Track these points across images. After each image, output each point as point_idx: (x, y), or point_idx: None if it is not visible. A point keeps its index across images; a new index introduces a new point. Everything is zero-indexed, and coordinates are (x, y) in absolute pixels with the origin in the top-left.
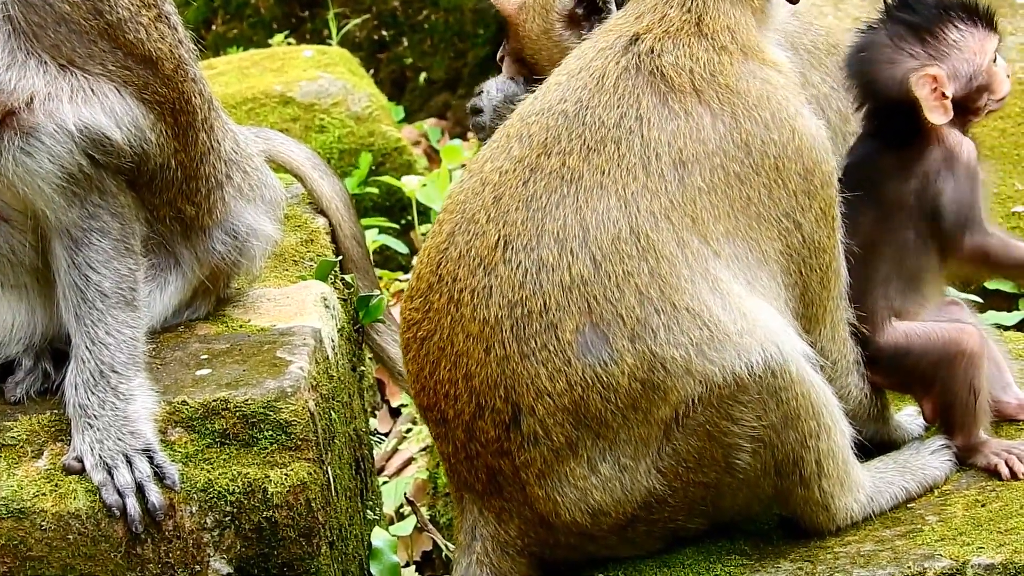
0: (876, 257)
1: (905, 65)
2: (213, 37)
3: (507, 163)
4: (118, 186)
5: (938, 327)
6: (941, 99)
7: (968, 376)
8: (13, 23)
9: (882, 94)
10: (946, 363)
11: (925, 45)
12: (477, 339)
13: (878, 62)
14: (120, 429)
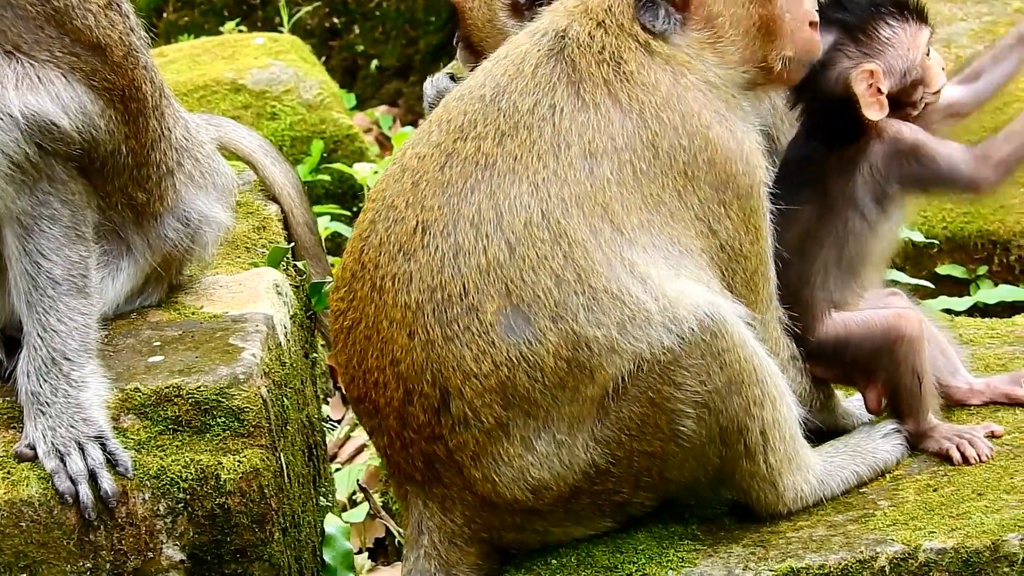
0: (815, 249)
1: (842, 64)
2: (164, 25)
3: (426, 148)
4: (68, 173)
5: (876, 314)
6: (877, 95)
7: (910, 361)
8: None
9: (821, 93)
10: (886, 350)
11: (859, 44)
12: (400, 325)
13: (818, 64)
14: (72, 416)
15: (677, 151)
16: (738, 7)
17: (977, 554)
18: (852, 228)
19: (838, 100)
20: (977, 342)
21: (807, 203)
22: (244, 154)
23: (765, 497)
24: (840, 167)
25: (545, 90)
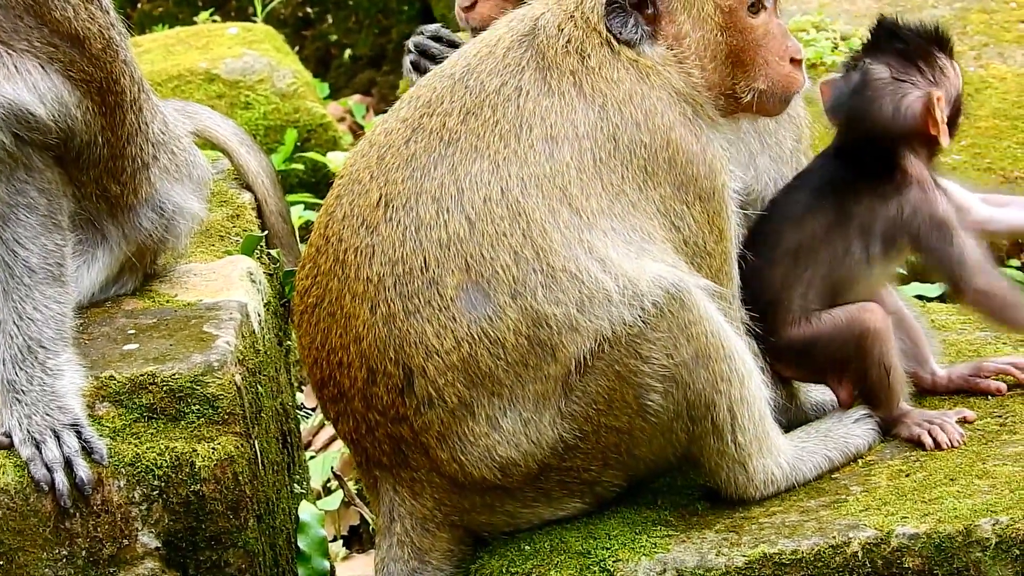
0: (809, 260)
1: (913, 93)
2: (139, 15)
3: (393, 123)
4: (44, 162)
5: (840, 310)
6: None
7: (876, 353)
8: None
9: (875, 124)
10: (853, 343)
11: (923, 73)
12: (362, 299)
13: (880, 95)
14: (48, 404)
15: (637, 146)
16: (707, 32)
17: (949, 539)
18: (852, 256)
19: (890, 131)
20: (949, 328)
21: (818, 215)
22: (219, 142)
23: (735, 479)
24: (866, 197)
25: (513, 72)
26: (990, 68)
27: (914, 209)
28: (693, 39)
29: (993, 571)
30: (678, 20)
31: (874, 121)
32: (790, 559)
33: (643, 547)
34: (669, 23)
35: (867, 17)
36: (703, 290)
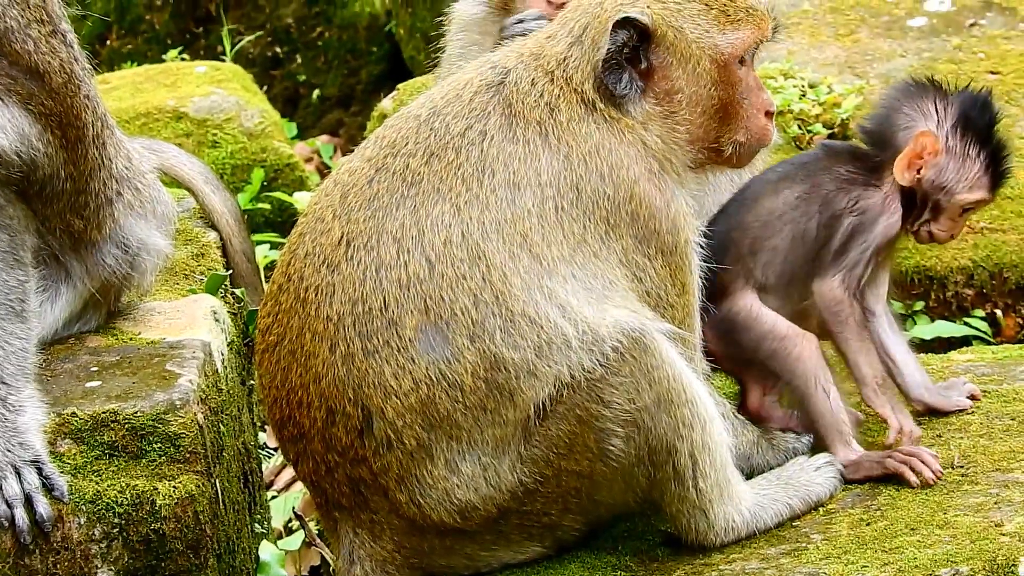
0: (773, 229)
1: (919, 128)
2: (108, 52)
3: (358, 162)
4: (6, 197)
5: (784, 322)
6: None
7: (808, 378)
8: None
9: (879, 128)
10: (777, 356)
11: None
12: (323, 337)
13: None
14: (9, 440)
15: (601, 198)
16: (700, 87)
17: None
18: (809, 233)
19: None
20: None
21: (794, 184)
22: (185, 181)
23: (696, 526)
24: (840, 181)
25: (478, 117)
26: None
27: (865, 207)
28: (685, 94)
29: None
30: (672, 75)
31: (883, 124)
32: None
33: None
34: (662, 78)
35: (834, 65)
36: (665, 335)
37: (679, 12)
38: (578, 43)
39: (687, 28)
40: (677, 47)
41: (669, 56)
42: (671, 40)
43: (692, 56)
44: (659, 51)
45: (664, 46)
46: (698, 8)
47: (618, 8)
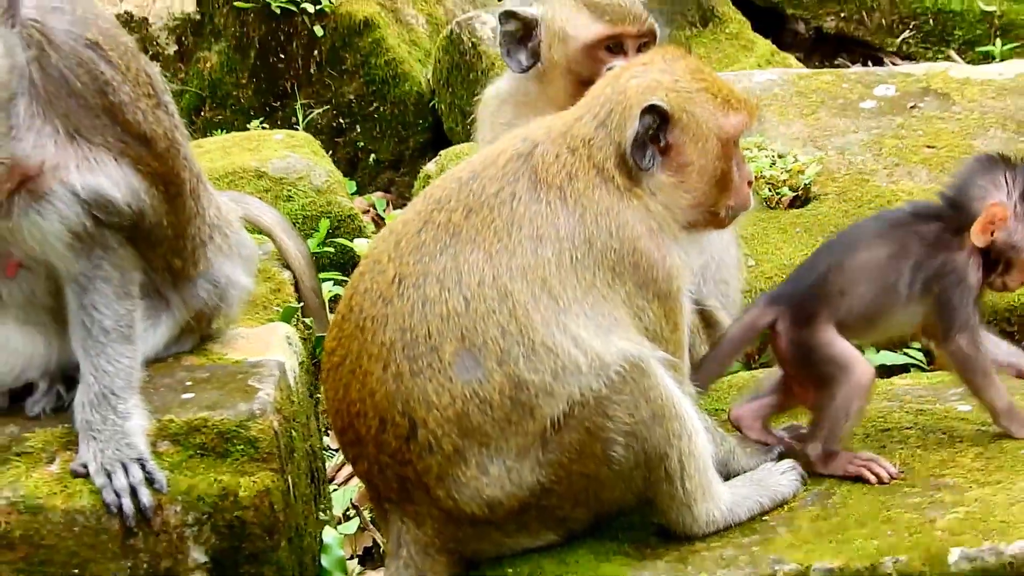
0: (863, 278)
1: (993, 197)
2: (202, 121)
3: (410, 214)
4: (118, 241)
5: (853, 352)
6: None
7: (848, 400)
8: (34, 88)
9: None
10: (839, 377)
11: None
12: (377, 359)
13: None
14: (118, 441)
15: (608, 251)
16: (707, 161)
17: (858, 574)
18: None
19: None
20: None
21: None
22: (265, 228)
23: (683, 519)
24: (928, 244)
25: (509, 180)
26: (900, 184)
27: (955, 268)
28: (695, 167)
29: None
30: (685, 151)
31: (961, 192)
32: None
33: (605, 573)
34: (677, 154)
35: (799, 139)
36: (660, 362)
37: (691, 99)
38: (603, 126)
39: (698, 113)
40: (690, 128)
41: (684, 136)
42: (685, 122)
43: (703, 136)
44: (675, 131)
45: (680, 127)
46: (706, 96)
47: (641, 96)
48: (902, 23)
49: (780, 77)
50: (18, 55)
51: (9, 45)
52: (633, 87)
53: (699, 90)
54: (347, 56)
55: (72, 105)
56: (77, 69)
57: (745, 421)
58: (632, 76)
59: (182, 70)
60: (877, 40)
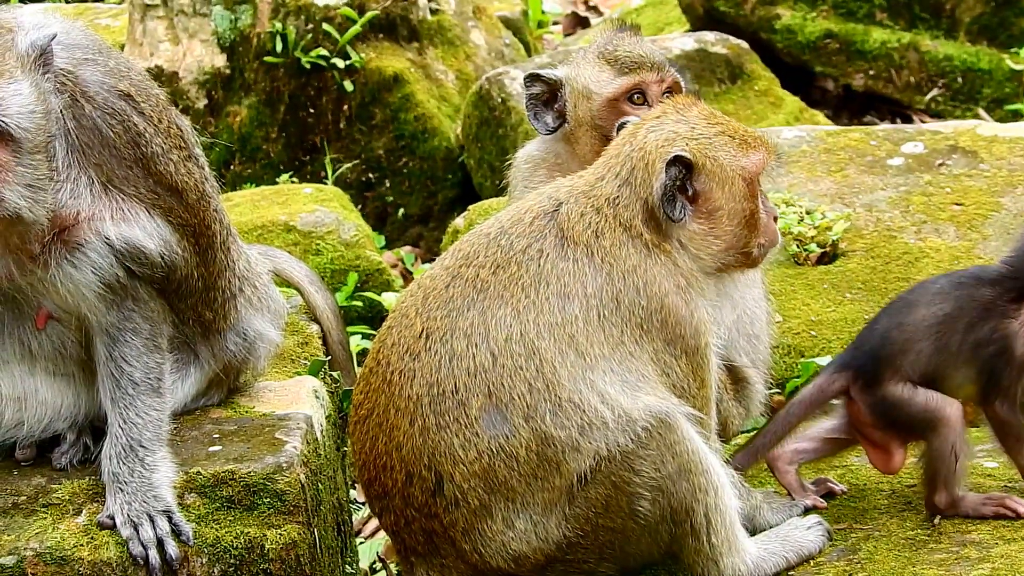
0: (922, 336)
1: None
2: (232, 175)
3: (438, 270)
4: (149, 294)
5: (932, 394)
6: None
7: (949, 441)
8: (68, 137)
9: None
10: (931, 423)
11: None
12: (404, 413)
13: None
14: (145, 493)
15: (636, 308)
16: (736, 202)
17: None
18: (950, 347)
19: None
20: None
21: (945, 303)
22: (293, 282)
23: (709, 573)
24: (985, 307)
25: (536, 237)
26: (927, 241)
27: (1004, 336)
28: (725, 211)
29: None
30: (714, 196)
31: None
32: None
33: None
34: (705, 201)
35: (827, 196)
36: (686, 417)
37: (711, 144)
38: (627, 184)
39: (720, 156)
40: (715, 173)
41: (710, 181)
42: (709, 168)
43: (728, 178)
44: (701, 178)
45: (705, 174)
46: (724, 140)
47: (663, 149)
48: (930, 81)
49: (808, 134)
50: (51, 102)
51: (42, 91)
52: (652, 141)
53: (717, 135)
54: (376, 111)
55: (105, 155)
56: (110, 120)
57: (781, 464)
58: (649, 130)
59: (212, 124)
60: (905, 98)
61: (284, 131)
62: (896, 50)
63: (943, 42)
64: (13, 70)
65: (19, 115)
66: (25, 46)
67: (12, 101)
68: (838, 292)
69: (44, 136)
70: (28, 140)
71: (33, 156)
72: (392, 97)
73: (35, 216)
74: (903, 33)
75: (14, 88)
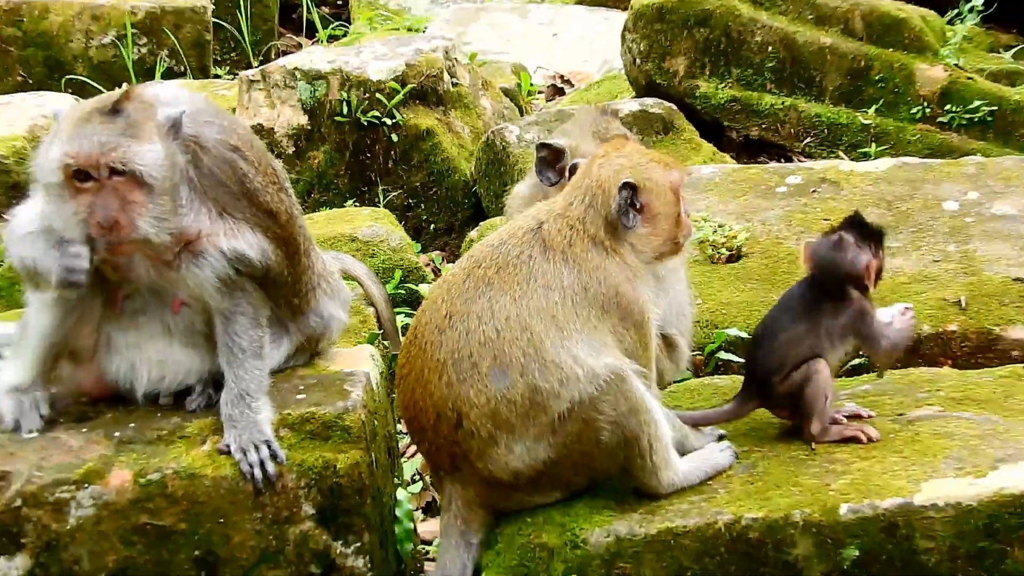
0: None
1: (865, 256)
2: (312, 202)
3: (458, 269)
4: (252, 286)
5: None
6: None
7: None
8: (191, 183)
9: (839, 269)
10: (808, 379)
11: (870, 247)
12: (434, 371)
13: (848, 253)
14: (251, 429)
15: (598, 295)
16: (668, 207)
17: (775, 522)
18: (822, 347)
19: (849, 277)
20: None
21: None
22: (356, 277)
23: (651, 484)
24: (829, 314)
25: (526, 246)
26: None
27: (854, 319)
28: (662, 215)
29: (801, 542)
30: (653, 206)
31: (841, 267)
32: (682, 531)
33: (597, 521)
34: (648, 210)
35: (733, 214)
36: (635, 372)
37: (646, 169)
38: (591, 207)
39: (654, 176)
40: (652, 189)
41: (650, 195)
42: (648, 186)
43: (662, 192)
44: (644, 194)
45: (645, 191)
46: (654, 165)
47: (615, 178)
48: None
49: (720, 171)
50: (178, 159)
51: (170, 152)
52: (604, 173)
53: (648, 162)
54: (414, 155)
55: (220, 192)
56: (223, 166)
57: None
58: (600, 166)
59: (298, 165)
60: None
61: (349, 170)
62: (781, 110)
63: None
64: (152, 134)
65: (152, 166)
66: (163, 117)
67: (148, 156)
68: (741, 283)
69: (170, 183)
70: (158, 185)
71: (161, 196)
72: (425, 145)
73: (161, 239)
74: (786, 98)
75: (150, 147)
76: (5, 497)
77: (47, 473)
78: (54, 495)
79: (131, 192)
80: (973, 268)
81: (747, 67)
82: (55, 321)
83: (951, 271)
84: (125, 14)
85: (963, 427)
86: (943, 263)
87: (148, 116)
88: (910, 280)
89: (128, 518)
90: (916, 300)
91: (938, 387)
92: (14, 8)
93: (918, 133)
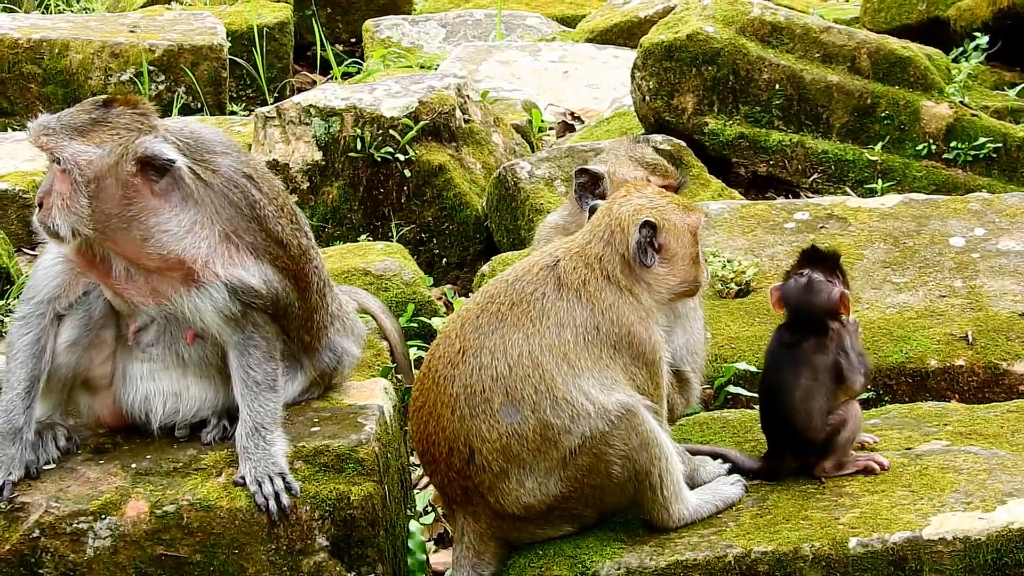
0: (812, 399)
1: (836, 289)
2: (326, 236)
3: (472, 305)
4: (264, 320)
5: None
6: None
7: (851, 430)
8: (199, 204)
9: (817, 308)
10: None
11: (837, 279)
12: (447, 405)
13: (820, 290)
14: (266, 461)
15: (611, 334)
16: (685, 248)
17: (784, 555)
18: (830, 389)
19: (825, 312)
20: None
21: (802, 377)
22: (370, 311)
23: (661, 516)
24: (819, 355)
25: (540, 283)
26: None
27: (837, 353)
28: (679, 255)
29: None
30: (671, 246)
31: (819, 307)
32: (692, 563)
33: (607, 554)
34: (666, 250)
35: (742, 250)
36: (646, 407)
37: (666, 209)
38: (609, 244)
39: (673, 218)
40: (671, 230)
41: (668, 236)
42: (667, 227)
43: (680, 233)
44: (663, 235)
45: (665, 231)
46: (673, 207)
47: (634, 217)
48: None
49: (728, 207)
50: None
51: (119, 171)
52: (624, 212)
53: (667, 204)
54: (427, 190)
55: (230, 212)
56: (234, 189)
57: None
58: (620, 206)
59: (312, 200)
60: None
61: (363, 205)
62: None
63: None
64: (107, 141)
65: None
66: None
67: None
68: (750, 317)
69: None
70: (80, 186)
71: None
72: (438, 181)
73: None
74: (793, 135)
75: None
76: (23, 528)
77: (65, 504)
78: (72, 526)
79: (62, 182)
80: (979, 303)
81: (755, 104)
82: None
83: (957, 306)
84: (143, 52)
85: (971, 461)
86: (949, 298)
87: (126, 127)
88: (917, 315)
89: (144, 549)
90: (923, 335)
91: (946, 421)
92: (35, 46)
93: (924, 169)
